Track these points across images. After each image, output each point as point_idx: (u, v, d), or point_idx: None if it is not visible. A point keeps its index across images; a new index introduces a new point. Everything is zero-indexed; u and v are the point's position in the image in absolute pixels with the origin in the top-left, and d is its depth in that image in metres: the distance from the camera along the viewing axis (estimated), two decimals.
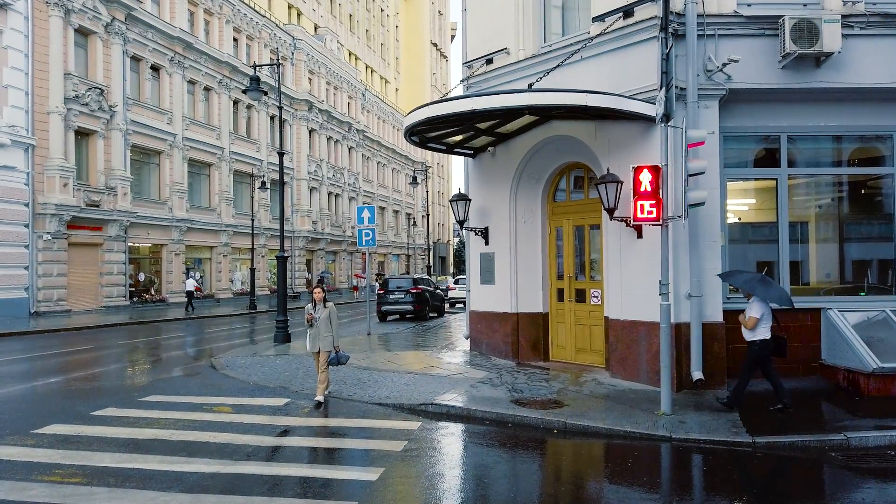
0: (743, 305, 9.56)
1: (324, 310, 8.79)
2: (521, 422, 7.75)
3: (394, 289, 22.72)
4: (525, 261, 11.43)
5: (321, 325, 8.72)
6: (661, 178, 7.98)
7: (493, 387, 9.40)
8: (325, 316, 8.76)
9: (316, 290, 8.97)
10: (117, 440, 6.67)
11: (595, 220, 10.65)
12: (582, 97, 8.45)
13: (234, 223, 34.43)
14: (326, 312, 8.77)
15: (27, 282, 22.55)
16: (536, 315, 11.38)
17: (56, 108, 23.33)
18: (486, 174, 11.98)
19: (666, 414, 7.79)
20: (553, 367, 10.88)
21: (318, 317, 8.75)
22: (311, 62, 43.47)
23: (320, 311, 8.79)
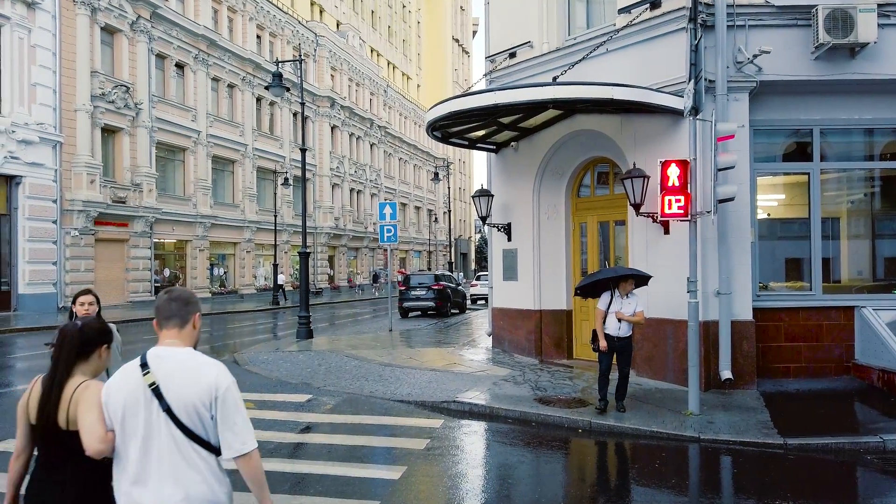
0: (776, 303, 9.39)
1: None
2: (544, 421, 7.64)
3: (415, 285, 22.69)
4: (548, 257, 11.28)
5: None
6: (690, 172, 7.79)
7: (516, 385, 9.29)
8: None
9: None
10: None
11: (620, 216, 10.47)
12: (608, 90, 8.29)
13: (257, 219, 34.69)
14: None
15: (55, 277, 22.93)
16: (560, 312, 11.24)
17: (83, 106, 23.65)
18: (509, 169, 11.84)
19: (694, 414, 7.62)
20: (577, 366, 10.74)
21: None
22: (333, 59, 43.57)
23: None
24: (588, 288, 8.19)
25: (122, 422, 2.28)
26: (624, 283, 7.76)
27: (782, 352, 9.31)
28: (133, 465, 2.25)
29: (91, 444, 2.26)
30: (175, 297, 2.45)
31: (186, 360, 2.34)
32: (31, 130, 21.71)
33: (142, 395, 2.27)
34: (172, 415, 2.24)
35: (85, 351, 2.53)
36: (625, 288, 7.76)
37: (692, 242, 7.83)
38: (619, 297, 7.77)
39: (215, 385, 2.27)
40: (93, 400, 2.35)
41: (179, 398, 2.25)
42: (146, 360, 2.35)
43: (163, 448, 2.24)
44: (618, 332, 7.72)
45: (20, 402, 2.54)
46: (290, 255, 38.75)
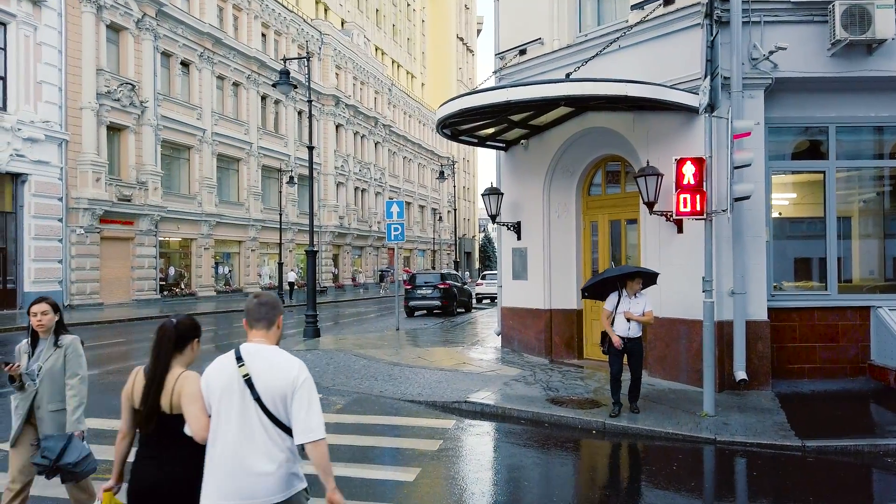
0: (791, 303, 9.27)
1: (52, 351, 4.06)
2: (558, 421, 7.54)
3: (421, 284, 22.59)
4: (558, 256, 11.18)
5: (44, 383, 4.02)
6: (705, 170, 7.68)
7: (527, 385, 9.19)
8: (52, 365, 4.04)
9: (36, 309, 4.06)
10: None
11: (632, 215, 10.36)
12: (622, 87, 8.18)
13: (262, 218, 34.66)
14: (55, 357, 4.05)
15: (61, 275, 22.91)
16: (570, 312, 11.13)
17: (89, 104, 23.62)
18: (519, 167, 11.74)
19: (709, 415, 7.52)
20: (587, 366, 10.63)
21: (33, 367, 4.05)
22: (338, 57, 43.51)
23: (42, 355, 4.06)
24: (595, 289, 8.08)
25: (218, 405, 2.66)
26: (631, 283, 7.62)
27: (797, 352, 9.19)
28: (223, 444, 2.61)
29: (197, 433, 2.66)
30: (264, 302, 2.80)
31: (273, 356, 2.70)
32: (36, 128, 21.67)
33: (236, 384, 2.64)
34: (261, 402, 2.61)
35: (180, 344, 2.89)
36: (632, 287, 7.61)
37: (707, 241, 7.71)
38: (627, 296, 7.63)
39: (292, 380, 2.62)
40: (195, 392, 2.71)
41: (267, 388, 2.62)
42: (240, 354, 2.69)
43: (252, 429, 2.60)
44: (627, 333, 7.56)
45: (124, 389, 2.91)
46: (294, 253, 38.71)
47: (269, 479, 2.59)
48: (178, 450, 2.74)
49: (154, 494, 2.72)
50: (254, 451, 2.59)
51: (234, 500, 2.57)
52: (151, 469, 2.74)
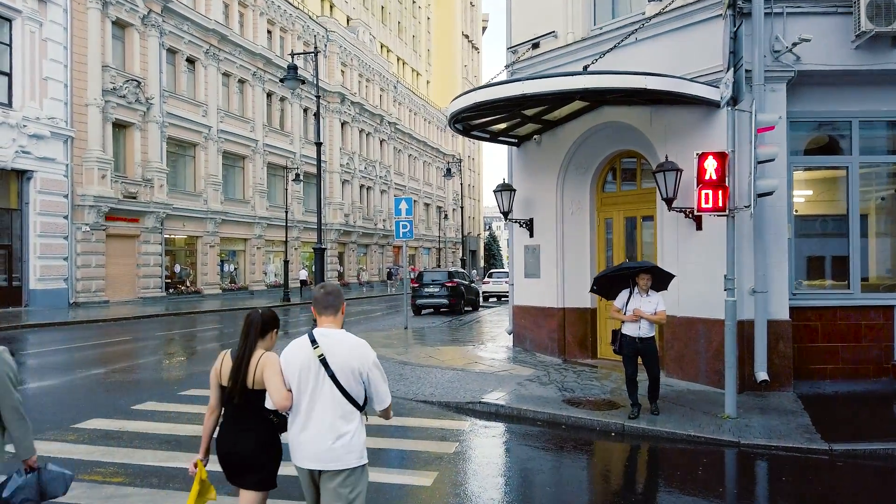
0: (813, 302, 9.04)
1: None
2: (575, 423, 7.34)
3: (428, 282, 22.40)
4: (572, 253, 10.96)
5: None
6: (728, 165, 7.45)
7: (541, 385, 8.99)
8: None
9: None
10: (158, 437, 6.44)
11: (648, 212, 10.14)
12: (641, 79, 7.96)
13: (267, 215, 34.52)
14: None
15: (66, 273, 22.80)
16: (584, 310, 10.92)
17: (94, 101, 23.49)
18: (532, 163, 11.52)
19: (731, 417, 7.31)
20: (602, 366, 10.42)
21: None
22: (343, 54, 43.33)
23: None
24: (604, 286, 7.85)
25: (297, 382, 3.03)
26: (642, 279, 7.32)
27: (818, 352, 8.96)
28: (303, 415, 3.02)
29: (279, 402, 3.04)
30: (330, 292, 3.19)
31: (343, 339, 3.08)
32: (42, 125, 21.55)
33: (312, 364, 3.01)
34: (335, 378, 2.99)
35: (264, 332, 3.30)
36: (643, 284, 7.31)
37: (730, 238, 7.49)
38: (638, 294, 7.34)
39: (364, 360, 3.04)
40: (276, 368, 3.11)
41: (340, 367, 3.00)
42: (314, 337, 3.06)
43: (326, 401, 3.00)
44: (638, 333, 7.28)
45: (213, 369, 3.30)
46: (300, 251, 38.57)
47: (337, 447, 2.98)
48: (255, 423, 3.19)
49: (239, 457, 3.20)
50: (326, 421, 2.99)
51: (312, 463, 3.01)
52: (237, 436, 3.20)
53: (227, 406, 3.25)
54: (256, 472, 3.22)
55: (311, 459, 3.01)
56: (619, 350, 7.44)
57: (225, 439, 3.22)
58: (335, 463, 2.99)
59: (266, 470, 3.24)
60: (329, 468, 2.99)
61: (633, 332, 7.31)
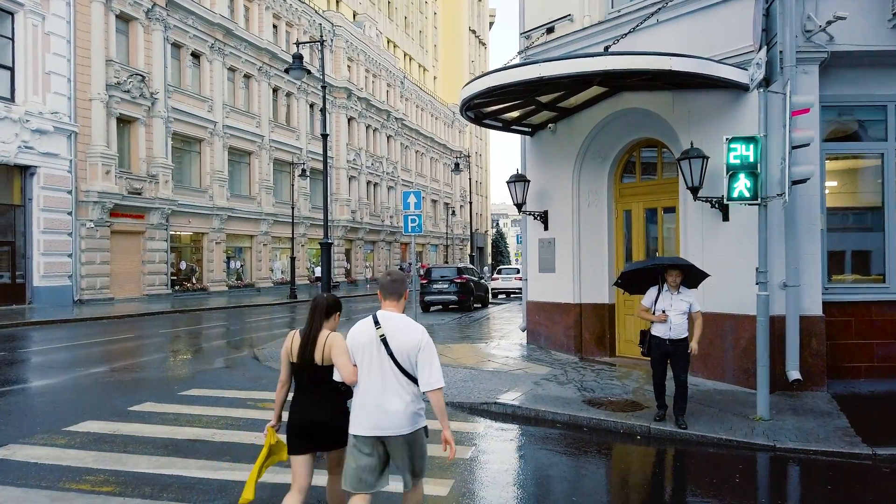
0: (847, 297, 8.57)
1: None
2: (597, 425, 6.90)
3: (437, 278, 21.98)
4: (589, 247, 10.51)
5: None
6: (761, 151, 6.98)
7: (559, 384, 8.55)
8: None
9: None
10: (155, 440, 6.05)
11: (670, 202, 9.68)
12: (666, 60, 7.49)
13: (273, 212, 34.18)
14: None
15: (70, 269, 22.51)
16: (601, 306, 10.47)
17: (98, 95, 23.17)
18: (546, 153, 11.07)
19: (763, 419, 6.86)
20: (621, 364, 9.98)
21: None
22: (350, 49, 42.90)
23: None
24: (631, 280, 7.23)
25: (361, 359, 3.44)
26: (671, 275, 6.64)
27: (852, 350, 8.49)
28: (366, 388, 3.40)
29: (347, 377, 3.43)
30: (394, 279, 3.57)
31: (402, 322, 3.47)
32: (45, 120, 21.24)
33: (375, 343, 3.41)
34: (393, 357, 3.38)
35: (328, 314, 3.69)
36: (673, 281, 6.63)
37: (762, 229, 7.03)
38: (668, 292, 6.67)
39: (417, 341, 3.40)
40: (342, 347, 3.50)
41: (398, 346, 3.39)
42: (377, 319, 3.47)
43: (386, 376, 3.38)
44: (668, 334, 6.58)
45: (283, 348, 3.68)
46: (306, 248, 38.23)
47: (399, 415, 3.36)
48: (326, 393, 3.56)
49: (309, 427, 3.57)
50: (388, 393, 3.37)
51: (375, 430, 3.38)
52: (307, 408, 3.58)
53: (299, 380, 3.63)
54: (335, 434, 3.59)
55: (375, 428, 3.38)
56: (648, 352, 6.82)
57: (301, 409, 3.60)
58: (397, 430, 3.38)
59: (342, 431, 3.55)
60: (390, 434, 3.38)
61: (662, 334, 6.63)
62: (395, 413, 3.35)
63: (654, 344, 6.72)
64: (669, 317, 6.54)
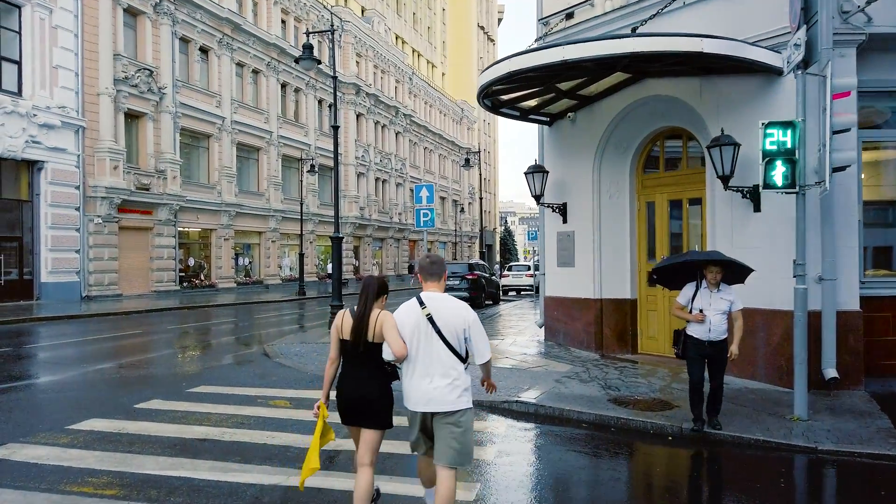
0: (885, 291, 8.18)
1: None
2: (626, 425, 6.55)
3: (448, 274, 21.62)
4: (610, 240, 10.14)
5: None
6: (799, 136, 6.60)
7: (582, 382, 8.20)
8: None
9: None
10: (162, 440, 5.74)
11: (695, 193, 9.30)
12: (697, 42, 7.12)
13: (282, 208, 33.93)
14: None
15: (79, 265, 22.32)
16: (623, 302, 10.10)
17: (106, 90, 22.95)
18: (565, 143, 10.72)
19: (801, 419, 6.50)
20: (644, 361, 9.61)
21: None
22: (358, 45, 42.60)
23: None
24: (668, 274, 6.71)
25: (409, 338, 3.57)
26: (711, 272, 6.11)
27: (889, 347, 8.10)
28: (416, 365, 3.57)
29: (398, 352, 3.53)
30: (434, 261, 3.73)
31: (446, 301, 3.63)
32: (52, 114, 21.04)
33: (422, 322, 3.56)
34: (441, 335, 3.54)
35: (378, 295, 3.77)
36: (713, 278, 6.09)
37: (799, 218, 6.66)
38: (707, 289, 6.14)
39: (465, 319, 3.58)
40: (392, 324, 3.60)
41: (445, 325, 3.55)
42: (422, 299, 3.59)
43: (434, 355, 3.54)
44: (708, 335, 6.05)
45: (333, 325, 3.79)
46: (315, 245, 38.00)
47: (446, 392, 3.52)
48: (374, 371, 3.69)
49: (366, 401, 3.68)
50: (436, 370, 3.54)
51: (424, 406, 3.56)
52: (362, 382, 3.69)
53: (350, 357, 3.75)
54: (379, 413, 3.69)
55: (425, 403, 3.56)
56: (682, 354, 6.26)
57: (350, 386, 3.70)
58: (446, 405, 3.54)
59: (386, 411, 3.73)
60: (440, 410, 3.54)
61: (701, 335, 6.08)
62: (442, 389, 3.53)
63: (690, 345, 6.17)
64: (708, 316, 6.05)
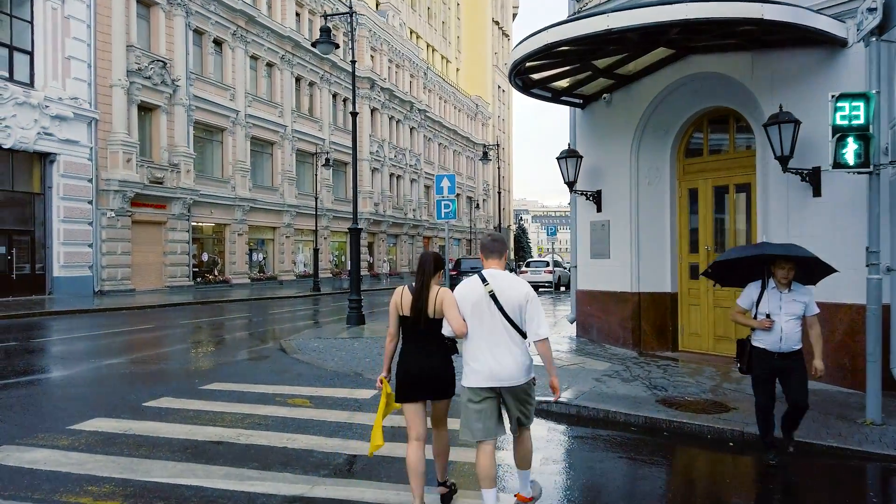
0: None
1: None
2: (679, 429, 5.93)
3: (467, 269, 21.12)
4: (648, 230, 9.50)
5: None
6: (874, 110, 5.94)
7: (624, 382, 7.59)
8: None
9: None
10: (171, 442, 5.21)
11: (744, 178, 8.65)
12: (756, 8, 6.48)
13: (296, 203, 33.49)
14: None
15: (91, 260, 21.96)
16: (662, 295, 9.45)
17: (119, 81, 22.56)
18: (599, 127, 10.09)
19: (875, 423, 5.85)
20: (686, 359, 8.97)
21: None
22: (373, 38, 42.08)
23: None
24: (723, 269, 5.69)
25: (471, 314, 3.69)
26: (782, 268, 4.94)
27: None
28: (478, 342, 3.67)
29: (458, 329, 3.68)
30: (496, 239, 3.91)
31: (507, 278, 3.75)
32: (65, 106, 20.67)
33: (484, 299, 3.67)
34: (503, 311, 3.63)
35: (436, 270, 3.86)
36: (784, 276, 4.94)
37: (873, 201, 6.02)
38: (775, 289, 5.02)
39: (525, 295, 3.68)
40: (452, 301, 3.73)
41: (507, 301, 3.64)
42: (484, 276, 3.72)
43: (496, 331, 3.65)
44: (778, 346, 4.93)
45: (392, 302, 3.85)
46: (329, 240, 37.55)
47: (512, 367, 3.62)
48: (435, 345, 3.77)
49: (422, 375, 3.74)
50: (499, 346, 3.62)
51: (491, 381, 3.64)
52: (418, 358, 3.75)
53: (410, 333, 3.79)
54: (447, 383, 3.79)
55: (490, 378, 3.61)
56: (747, 369, 5.18)
57: (413, 360, 3.75)
58: (511, 380, 3.62)
59: (452, 381, 3.82)
60: (505, 384, 3.62)
61: (770, 345, 4.97)
62: (509, 365, 3.59)
63: (756, 358, 5.06)
64: (777, 323, 4.94)
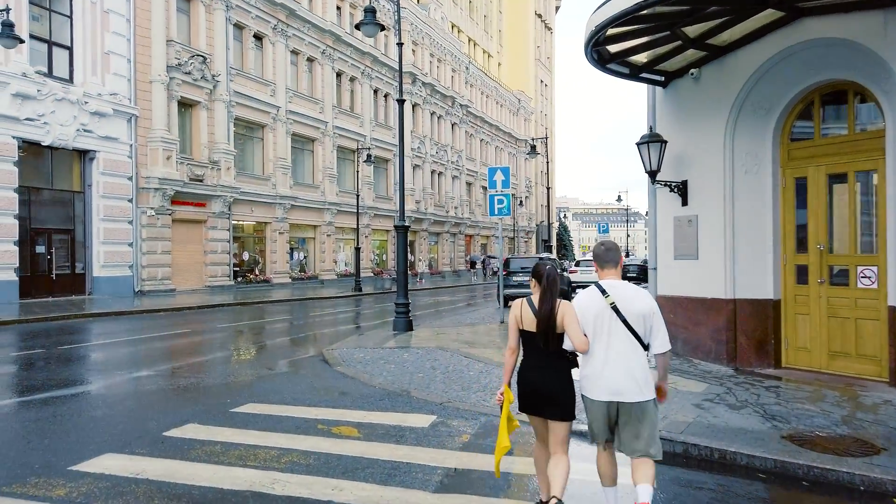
0: None
1: None
2: (823, 478, 4.66)
3: (517, 269, 19.84)
4: (745, 226, 8.16)
5: None
6: None
7: (731, 409, 6.30)
8: None
9: None
10: (191, 492, 4.18)
11: (868, 165, 7.26)
12: None
13: (337, 201, 32.78)
14: None
15: (132, 259, 21.54)
16: (764, 303, 8.09)
17: (159, 77, 22.10)
18: (686, 108, 8.78)
19: None
20: (793, 378, 7.61)
21: None
22: (414, 32, 41.12)
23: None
24: None
25: (593, 327, 3.54)
26: None
27: None
28: (598, 355, 3.52)
29: (580, 346, 3.51)
30: (609, 248, 3.70)
31: (628, 288, 3.60)
32: (104, 102, 20.25)
33: (605, 311, 3.51)
34: (627, 323, 3.48)
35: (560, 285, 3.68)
36: None
37: None
38: None
39: (651, 307, 3.51)
40: (574, 316, 3.54)
41: (630, 313, 3.48)
42: (603, 288, 3.56)
43: (618, 344, 3.49)
44: None
45: (511, 316, 3.71)
46: (370, 239, 36.76)
47: (633, 382, 3.44)
48: (556, 361, 3.61)
49: (550, 391, 3.59)
50: (621, 360, 3.46)
51: (608, 396, 3.49)
52: (537, 375, 3.62)
53: (531, 348, 3.65)
54: (565, 405, 3.58)
55: (612, 393, 3.48)
56: None
57: (533, 376, 3.62)
58: (633, 395, 3.45)
59: (571, 403, 3.60)
60: (627, 400, 3.45)
61: None
62: (629, 379, 3.43)
63: None
64: None
